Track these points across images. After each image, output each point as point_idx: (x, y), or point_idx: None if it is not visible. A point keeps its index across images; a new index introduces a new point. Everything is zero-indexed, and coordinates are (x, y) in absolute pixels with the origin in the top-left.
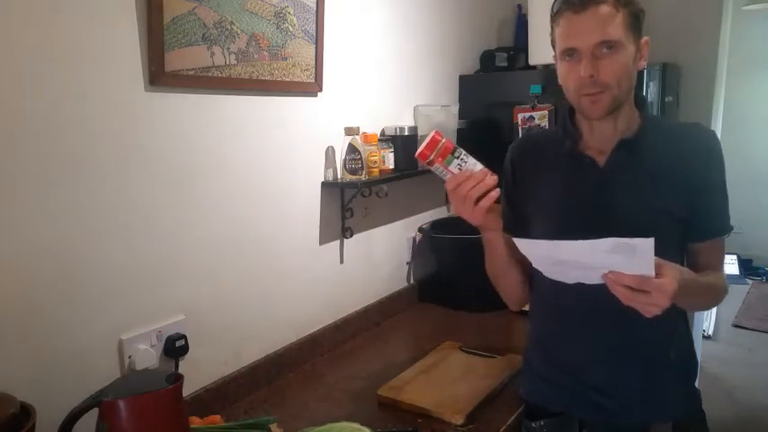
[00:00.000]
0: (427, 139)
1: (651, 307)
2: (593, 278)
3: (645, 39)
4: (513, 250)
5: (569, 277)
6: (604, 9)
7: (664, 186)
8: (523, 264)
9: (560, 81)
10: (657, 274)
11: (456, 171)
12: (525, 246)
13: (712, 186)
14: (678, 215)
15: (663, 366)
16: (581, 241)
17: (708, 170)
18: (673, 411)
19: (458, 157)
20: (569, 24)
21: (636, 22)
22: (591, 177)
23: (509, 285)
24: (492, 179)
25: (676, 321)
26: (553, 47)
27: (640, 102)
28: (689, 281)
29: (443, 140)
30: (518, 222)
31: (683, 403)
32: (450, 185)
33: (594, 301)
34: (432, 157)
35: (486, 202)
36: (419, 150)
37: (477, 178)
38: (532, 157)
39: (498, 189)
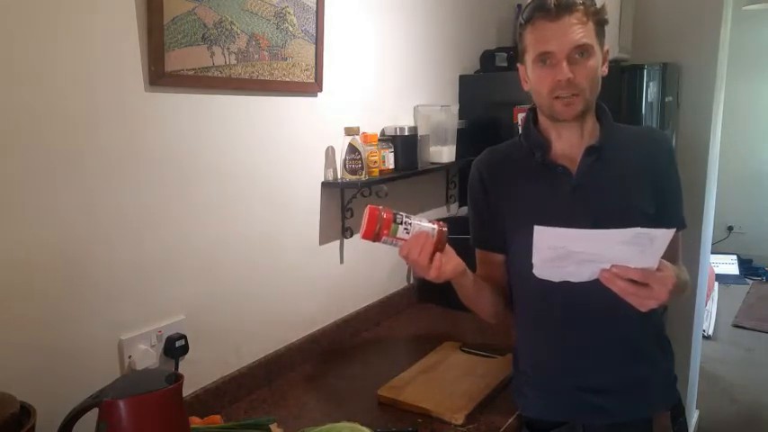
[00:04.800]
0: (365, 218)
1: (650, 300)
2: (586, 274)
3: (606, 47)
4: (489, 271)
5: (561, 274)
6: (577, 17)
7: (633, 187)
8: (495, 283)
9: (531, 86)
10: (657, 269)
11: (405, 237)
12: (543, 233)
13: (672, 185)
14: (649, 213)
15: (652, 356)
16: (603, 230)
17: (668, 170)
18: (670, 398)
19: (401, 223)
20: (545, 30)
21: (601, 31)
22: (566, 185)
23: (483, 306)
24: (433, 237)
25: (654, 311)
26: (520, 53)
27: (601, 110)
28: (678, 275)
29: (381, 212)
30: (494, 236)
31: (674, 388)
32: (403, 253)
33: (582, 303)
34: (377, 230)
35: (437, 265)
36: (362, 232)
37: (419, 242)
38: (503, 172)
39: (443, 242)
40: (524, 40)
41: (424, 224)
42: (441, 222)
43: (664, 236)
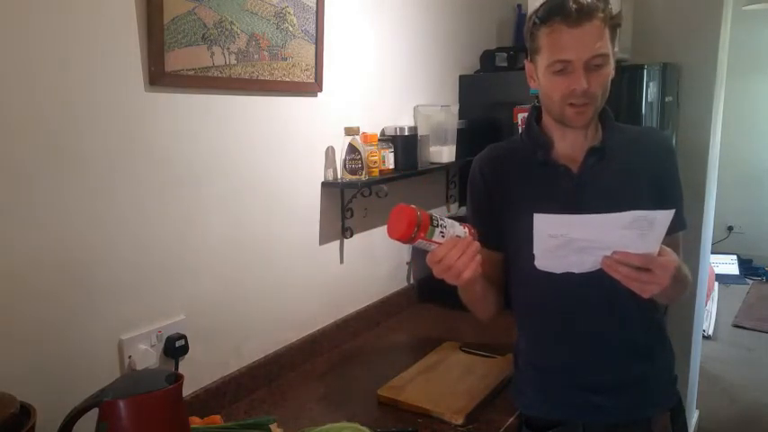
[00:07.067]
0: (399, 217)
1: (652, 286)
2: (589, 264)
3: (615, 49)
4: (488, 271)
5: (563, 264)
6: (596, 24)
7: (634, 188)
8: (492, 282)
9: (541, 88)
10: (658, 254)
11: (440, 240)
12: (542, 220)
13: (673, 185)
14: None
15: (652, 355)
16: (602, 215)
17: (669, 170)
18: (670, 398)
19: (437, 226)
20: (563, 37)
21: (615, 36)
22: (566, 185)
23: (483, 307)
24: (476, 243)
25: (655, 310)
26: (530, 51)
27: (604, 112)
28: (679, 263)
29: (419, 213)
30: (493, 233)
31: (674, 388)
32: (437, 257)
33: (583, 300)
34: (414, 234)
35: (473, 268)
36: (398, 231)
37: (463, 246)
38: (504, 169)
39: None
40: (538, 40)
41: (456, 228)
42: (468, 225)
43: (663, 217)
